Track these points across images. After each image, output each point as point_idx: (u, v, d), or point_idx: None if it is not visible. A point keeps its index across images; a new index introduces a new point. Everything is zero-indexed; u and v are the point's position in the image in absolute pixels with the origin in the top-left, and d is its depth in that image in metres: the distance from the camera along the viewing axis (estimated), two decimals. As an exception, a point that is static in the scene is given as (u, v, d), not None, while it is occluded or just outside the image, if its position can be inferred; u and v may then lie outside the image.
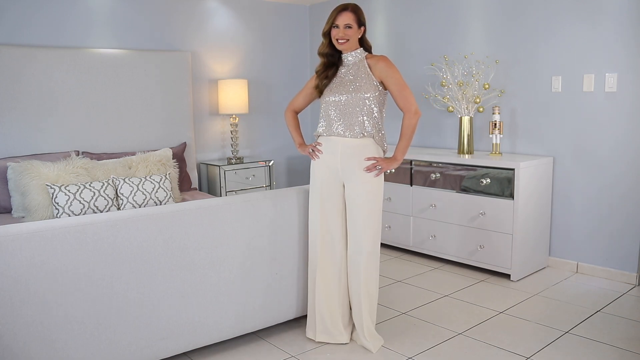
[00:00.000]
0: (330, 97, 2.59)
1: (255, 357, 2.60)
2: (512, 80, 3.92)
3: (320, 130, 2.65)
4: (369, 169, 2.54)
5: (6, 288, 2.01)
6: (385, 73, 2.55)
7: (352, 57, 2.61)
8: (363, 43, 2.64)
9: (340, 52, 2.64)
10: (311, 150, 2.67)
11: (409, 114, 2.54)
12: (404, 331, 2.83)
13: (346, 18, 2.53)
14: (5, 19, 3.76)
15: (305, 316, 2.86)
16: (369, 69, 2.56)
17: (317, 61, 2.73)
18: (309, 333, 2.72)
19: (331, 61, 2.64)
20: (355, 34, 2.56)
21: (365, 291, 2.61)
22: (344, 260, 2.67)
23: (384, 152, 2.64)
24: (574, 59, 3.59)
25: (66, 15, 4.02)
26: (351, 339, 2.73)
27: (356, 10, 2.57)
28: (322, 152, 2.62)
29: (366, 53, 2.64)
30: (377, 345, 2.63)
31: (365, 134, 2.55)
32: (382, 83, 2.57)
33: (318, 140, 2.67)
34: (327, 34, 2.60)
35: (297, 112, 2.84)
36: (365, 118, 2.55)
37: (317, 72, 2.68)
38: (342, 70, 2.63)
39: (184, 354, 2.60)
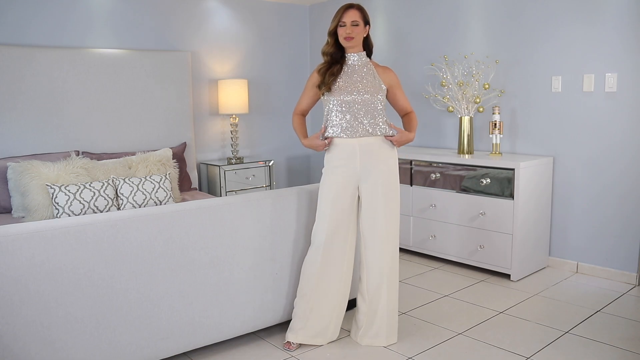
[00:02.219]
0: (342, 96, 2.58)
1: (255, 357, 2.60)
2: (512, 80, 3.92)
3: (331, 133, 2.61)
4: (393, 139, 2.63)
5: (6, 288, 2.01)
6: (394, 83, 2.71)
7: (355, 58, 2.65)
8: (367, 43, 2.68)
9: (343, 52, 2.66)
10: (323, 140, 2.61)
11: (410, 107, 2.78)
12: (403, 331, 2.83)
13: (353, 15, 2.57)
14: (5, 19, 3.76)
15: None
16: (377, 74, 2.65)
17: (317, 61, 2.73)
18: (290, 336, 2.66)
19: (335, 59, 2.65)
20: (361, 32, 2.60)
21: (390, 288, 2.63)
22: (350, 268, 2.68)
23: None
24: (573, 59, 3.59)
25: (66, 15, 4.02)
26: (356, 341, 2.72)
27: (361, 9, 2.62)
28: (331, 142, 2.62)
29: (368, 59, 2.70)
30: (390, 341, 2.68)
31: (380, 132, 2.60)
32: (387, 89, 2.68)
33: (329, 147, 2.64)
34: (333, 33, 2.62)
35: (304, 115, 2.81)
36: (379, 117, 2.61)
37: (319, 71, 2.66)
38: (347, 70, 2.64)
39: (184, 354, 2.60)
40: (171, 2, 4.54)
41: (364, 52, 2.67)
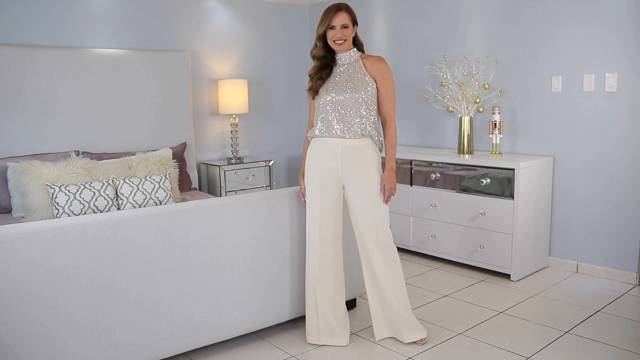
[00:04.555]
0: (327, 96, 2.57)
1: (255, 357, 2.60)
2: (512, 80, 3.92)
3: (316, 132, 2.62)
4: (387, 201, 2.59)
5: (6, 288, 2.01)
6: (380, 75, 2.58)
7: (346, 57, 2.61)
8: (356, 41, 2.64)
9: (333, 54, 2.63)
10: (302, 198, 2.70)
11: (392, 123, 2.62)
12: (404, 331, 2.83)
13: (342, 18, 2.53)
14: (5, 18, 3.76)
15: (304, 316, 2.86)
16: (364, 69, 2.58)
17: None
18: (311, 339, 2.69)
19: (324, 63, 2.63)
20: (351, 33, 2.57)
21: (393, 285, 2.61)
22: (340, 262, 2.69)
23: (380, 150, 2.65)
24: (573, 59, 3.59)
25: (66, 15, 4.02)
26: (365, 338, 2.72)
27: (349, 10, 2.58)
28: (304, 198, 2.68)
29: (360, 53, 2.65)
30: (416, 336, 2.67)
31: (365, 134, 2.57)
32: (375, 83, 2.60)
33: (312, 143, 2.66)
34: (322, 37, 2.59)
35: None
36: (363, 118, 2.56)
37: (310, 76, 2.67)
38: (336, 71, 2.62)
39: (184, 354, 2.60)
40: (171, 2, 4.54)
41: (354, 48, 2.62)
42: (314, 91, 2.62)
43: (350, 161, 2.56)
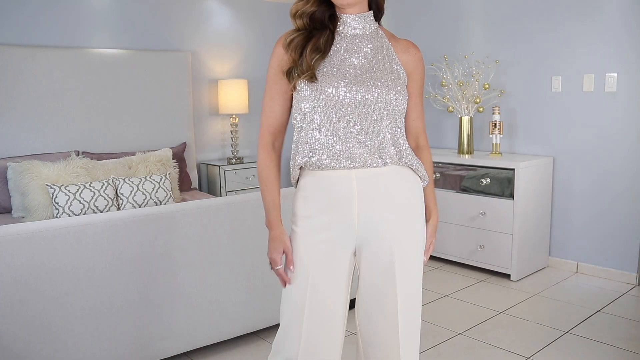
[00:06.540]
0: (331, 89, 1.44)
1: (255, 357, 2.60)
2: (512, 80, 3.92)
3: (311, 159, 1.56)
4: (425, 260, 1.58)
5: (6, 288, 2.01)
6: (417, 70, 1.56)
7: (357, 24, 1.50)
8: (373, 3, 1.54)
9: (333, 11, 1.50)
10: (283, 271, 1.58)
11: (427, 143, 1.63)
12: (404, 331, 2.83)
13: None
14: (5, 19, 3.76)
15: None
16: (393, 52, 1.53)
17: None
18: None
19: (319, 22, 1.49)
20: None
21: None
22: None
23: (422, 179, 1.57)
24: (574, 59, 3.59)
25: (67, 15, 4.02)
26: None
27: None
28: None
29: (378, 25, 1.57)
30: None
31: (401, 158, 1.50)
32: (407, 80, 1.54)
33: (302, 179, 1.65)
34: None
35: (275, 145, 1.76)
36: (398, 131, 1.51)
37: (288, 45, 1.52)
38: (339, 45, 1.50)
39: (184, 354, 2.60)
40: (171, 2, 4.54)
41: (371, 11, 1.53)
42: (309, 74, 1.44)
43: (373, 204, 1.48)
